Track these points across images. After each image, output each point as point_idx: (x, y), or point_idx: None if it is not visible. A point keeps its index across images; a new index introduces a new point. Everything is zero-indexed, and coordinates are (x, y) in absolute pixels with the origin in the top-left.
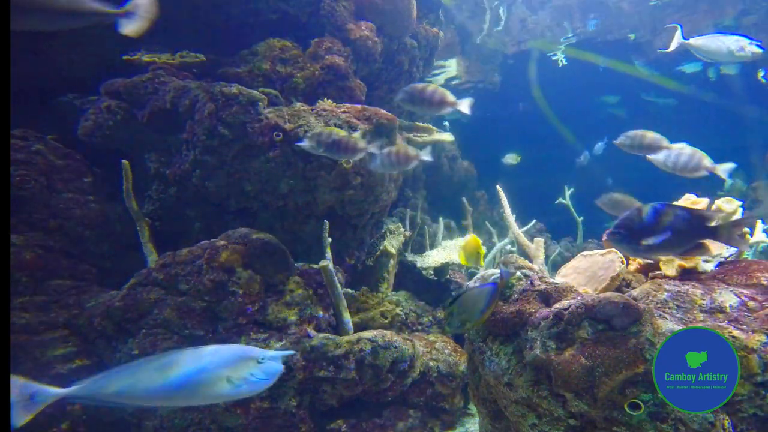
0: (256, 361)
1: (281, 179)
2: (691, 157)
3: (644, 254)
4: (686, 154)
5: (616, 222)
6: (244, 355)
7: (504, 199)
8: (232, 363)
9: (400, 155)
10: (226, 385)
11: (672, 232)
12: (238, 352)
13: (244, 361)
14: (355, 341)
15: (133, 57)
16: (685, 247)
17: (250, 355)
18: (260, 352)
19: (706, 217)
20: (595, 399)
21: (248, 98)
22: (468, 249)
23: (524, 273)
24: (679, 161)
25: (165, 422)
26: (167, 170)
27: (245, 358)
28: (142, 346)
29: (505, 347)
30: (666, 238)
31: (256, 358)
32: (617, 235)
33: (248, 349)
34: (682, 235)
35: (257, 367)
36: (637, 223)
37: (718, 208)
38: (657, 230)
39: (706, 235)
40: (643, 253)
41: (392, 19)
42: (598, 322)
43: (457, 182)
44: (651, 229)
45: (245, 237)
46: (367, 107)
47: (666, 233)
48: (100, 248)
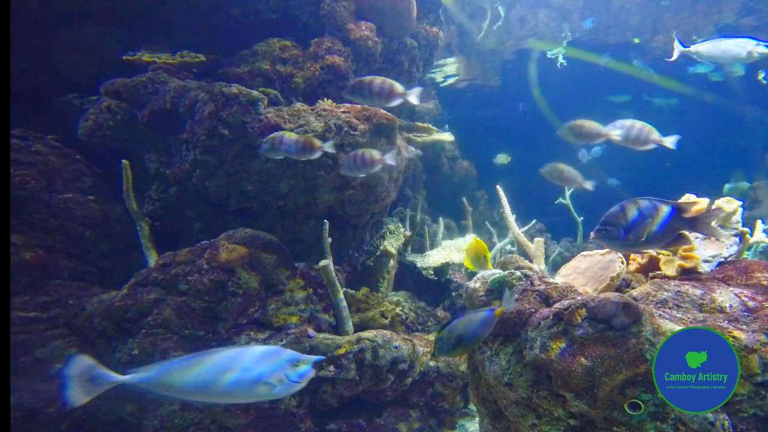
0: (290, 363)
1: (281, 179)
2: (640, 130)
3: (630, 249)
4: (637, 128)
5: (601, 219)
6: (280, 356)
7: (504, 199)
8: (271, 364)
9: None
10: (264, 386)
11: (658, 224)
12: (276, 353)
13: (281, 362)
14: (355, 341)
15: (133, 57)
16: (669, 239)
17: (286, 357)
18: (294, 355)
19: (683, 209)
20: (595, 399)
21: (248, 98)
22: (473, 253)
23: (524, 273)
24: (631, 134)
25: (165, 422)
26: (167, 170)
27: (281, 359)
28: (142, 346)
29: (505, 347)
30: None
31: (291, 360)
32: (603, 231)
33: (284, 350)
34: (665, 226)
35: (292, 369)
36: (621, 219)
37: (718, 207)
38: (640, 225)
39: (684, 226)
40: (629, 247)
41: (392, 19)
42: (598, 322)
43: (457, 182)
44: (635, 224)
45: (245, 237)
46: (367, 107)
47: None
48: (100, 248)
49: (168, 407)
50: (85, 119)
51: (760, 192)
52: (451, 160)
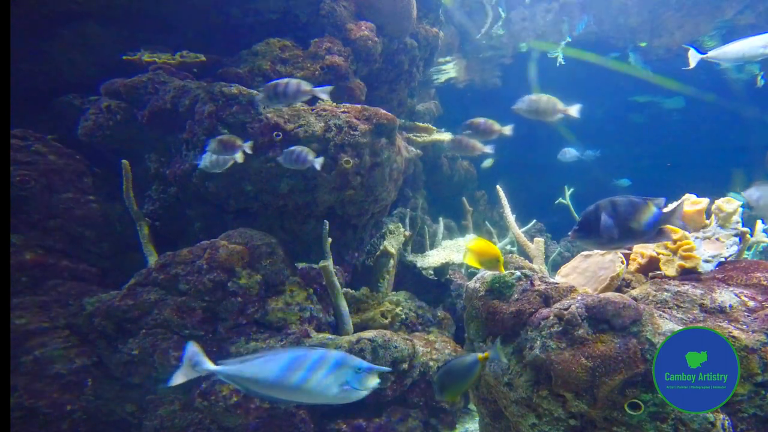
0: (354, 370)
1: (281, 179)
2: (546, 103)
3: (608, 246)
4: (543, 101)
5: (579, 220)
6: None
7: (504, 199)
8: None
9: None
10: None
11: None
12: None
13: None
14: (355, 341)
15: (133, 57)
16: (648, 235)
17: (352, 364)
18: (359, 363)
19: (657, 203)
20: (595, 399)
21: (248, 98)
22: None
23: (524, 273)
24: (539, 107)
25: (165, 422)
26: (167, 170)
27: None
28: (142, 346)
29: (505, 347)
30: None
31: (357, 367)
32: (580, 232)
33: (350, 357)
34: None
35: (354, 377)
36: (597, 218)
37: (718, 207)
38: (616, 223)
39: (662, 221)
40: (606, 245)
41: (392, 19)
42: (598, 322)
43: (457, 182)
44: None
45: (245, 237)
46: (367, 107)
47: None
48: (100, 248)
49: (168, 407)
50: (85, 119)
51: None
52: (451, 160)
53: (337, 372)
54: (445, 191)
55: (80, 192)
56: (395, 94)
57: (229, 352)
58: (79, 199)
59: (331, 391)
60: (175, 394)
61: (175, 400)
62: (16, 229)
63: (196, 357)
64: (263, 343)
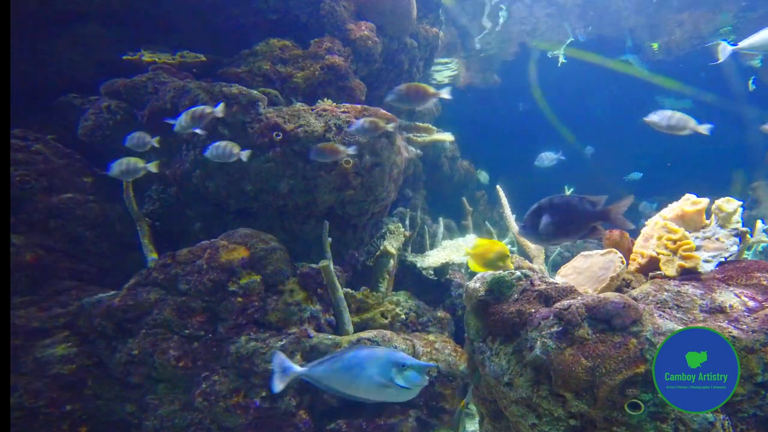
0: (396, 366)
1: (281, 179)
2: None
3: (547, 242)
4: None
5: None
6: (387, 358)
7: (504, 199)
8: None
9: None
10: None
11: (567, 219)
12: (380, 355)
13: (385, 365)
14: (355, 341)
15: (133, 57)
16: (582, 231)
17: (392, 360)
18: (401, 359)
19: (594, 202)
20: (595, 399)
21: (248, 98)
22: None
23: (524, 273)
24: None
25: (165, 422)
26: (167, 170)
27: (386, 361)
28: (142, 346)
29: (505, 347)
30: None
31: (397, 363)
32: (524, 229)
33: (392, 353)
34: (576, 221)
35: (399, 374)
36: (538, 216)
37: (718, 207)
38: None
39: (596, 218)
40: (545, 241)
41: (392, 19)
42: (598, 322)
43: (457, 182)
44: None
45: (245, 237)
46: (367, 107)
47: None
48: (100, 248)
49: (168, 407)
50: (85, 119)
51: (760, 192)
52: (451, 160)
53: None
54: (445, 191)
55: (80, 192)
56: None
57: (229, 352)
58: (79, 199)
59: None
60: (175, 394)
61: (175, 400)
62: (16, 229)
63: (284, 363)
64: (263, 343)
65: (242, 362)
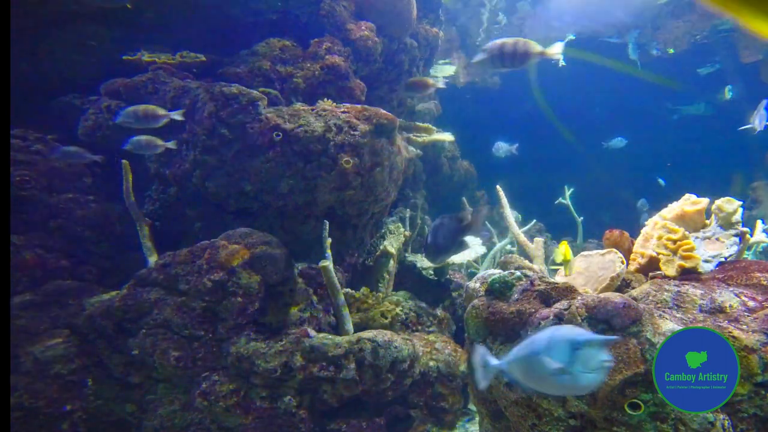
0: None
1: (281, 179)
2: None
3: (437, 259)
4: None
5: None
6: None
7: (504, 199)
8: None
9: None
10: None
11: (442, 237)
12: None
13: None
14: (355, 341)
15: (133, 57)
16: (454, 247)
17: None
18: (581, 335)
19: (461, 218)
20: (595, 399)
21: (248, 98)
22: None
23: (524, 273)
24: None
25: (165, 422)
26: (167, 170)
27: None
28: (142, 346)
29: (505, 347)
30: (440, 241)
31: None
32: (423, 248)
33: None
34: (451, 237)
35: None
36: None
37: (718, 207)
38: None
39: (463, 233)
40: (435, 258)
41: (392, 19)
42: (598, 322)
43: (457, 182)
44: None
45: (245, 237)
46: (367, 107)
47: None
48: (100, 248)
49: (168, 407)
50: (85, 119)
51: (760, 192)
52: (451, 160)
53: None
54: (445, 191)
55: (80, 192)
56: (395, 94)
57: (229, 352)
58: (79, 199)
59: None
60: (175, 394)
61: (175, 400)
62: (16, 229)
63: (485, 357)
64: (263, 343)
65: (242, 362)
